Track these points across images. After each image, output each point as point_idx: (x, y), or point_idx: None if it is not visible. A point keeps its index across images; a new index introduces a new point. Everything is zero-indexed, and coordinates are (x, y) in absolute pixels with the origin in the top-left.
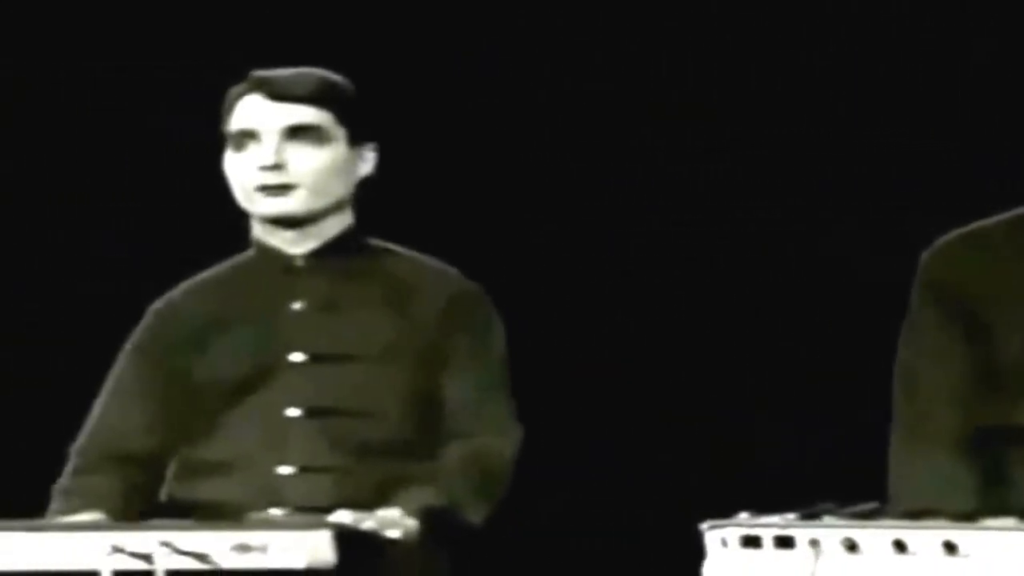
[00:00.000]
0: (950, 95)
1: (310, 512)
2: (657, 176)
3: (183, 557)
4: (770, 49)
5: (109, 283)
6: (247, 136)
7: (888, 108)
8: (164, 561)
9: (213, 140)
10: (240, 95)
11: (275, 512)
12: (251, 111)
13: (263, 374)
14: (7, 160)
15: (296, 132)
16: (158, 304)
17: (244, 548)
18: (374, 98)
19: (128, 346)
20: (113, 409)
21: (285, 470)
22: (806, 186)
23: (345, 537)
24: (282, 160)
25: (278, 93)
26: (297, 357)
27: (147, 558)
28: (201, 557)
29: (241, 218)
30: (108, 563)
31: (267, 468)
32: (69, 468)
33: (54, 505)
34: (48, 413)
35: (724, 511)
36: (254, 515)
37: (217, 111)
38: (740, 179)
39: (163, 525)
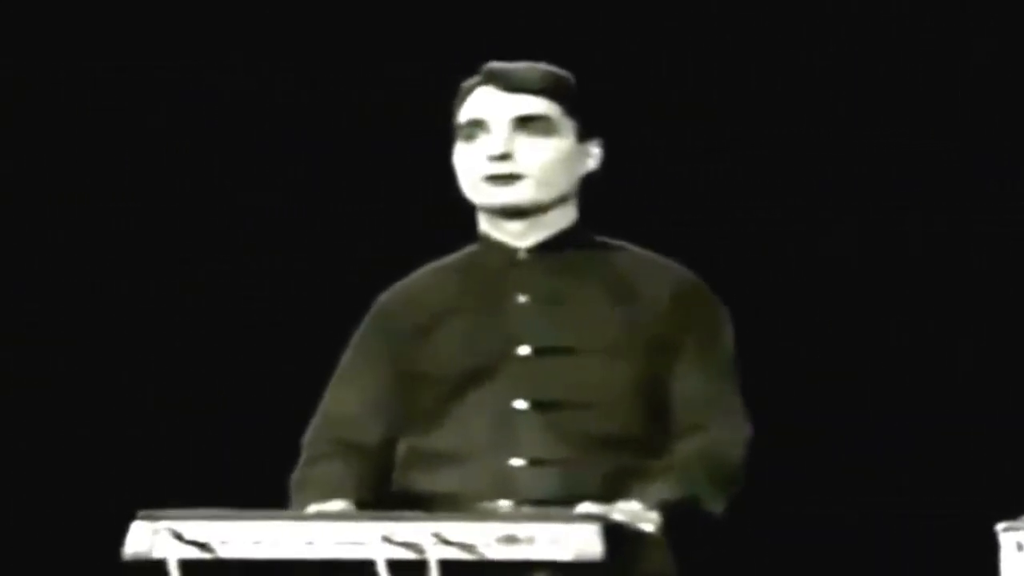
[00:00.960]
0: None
1: (540, 505)
2: None
3: (452, 548)
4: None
5: (335, 274)
6: (477, 126)
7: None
8: (435, 552)
9: (444, 134)
10: (472, 87)
11: (504, 504)
12: (482, 102)
13: (489, 366)
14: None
15: (526, 122)
16: (384, 295)
17: (511, 540)
18: (601, 94)
19: (355, 336)
20: (341, 399)
21: (516, 462)
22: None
23: (610, 531)
24: (511, 150)
25: (510, 85)
26: (523, 350)
27: (418, 548)
28: (469, 548)
29: (464, 211)
30: (381, 552)
31: (499, 460)
32: (302, 459)
33: (296, 495)
34: (280, 405)
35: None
36: (483, 506)
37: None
38: None
39: (433, 516)
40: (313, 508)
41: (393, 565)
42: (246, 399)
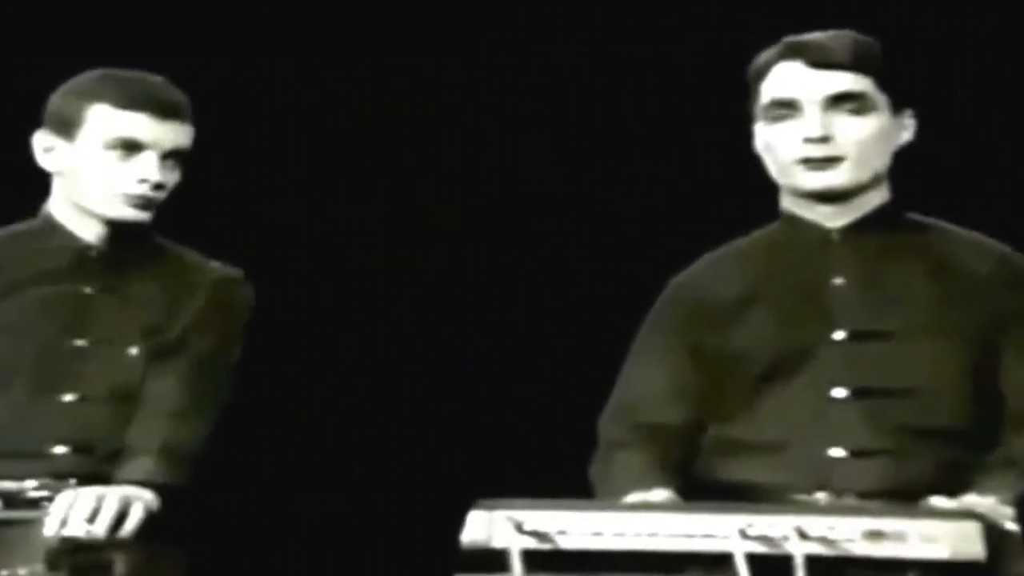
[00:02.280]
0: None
1: (863, 498)
2: None
3: (813, 543)
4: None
5: (624, 258)
6: (785, 106)
7: None
8: (799, 547)
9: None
10: (772, 62)
11: (822, 496)
12: (790, 80)
13: (803, 351)
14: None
15: (840, 100)
16: (681, 276)
17: (877, 536)
18: (911, 60)
19: (650, 319)
20: (639, 383)
21: (835, 453)
22: None
23: (989, 530)
24: (829, 132)
25: (818, 60)
26: (839, 335)
27: (778, 543)
28: (832, 544)
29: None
30: (740, 546)
31: (817, 450)
32: (602, 445)
33: (603, 483)
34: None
35: None
36: (800, 498)
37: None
38: None
39: (793, 509)
40: (634, 498)
41: (749, 560)
42: (538, 385)
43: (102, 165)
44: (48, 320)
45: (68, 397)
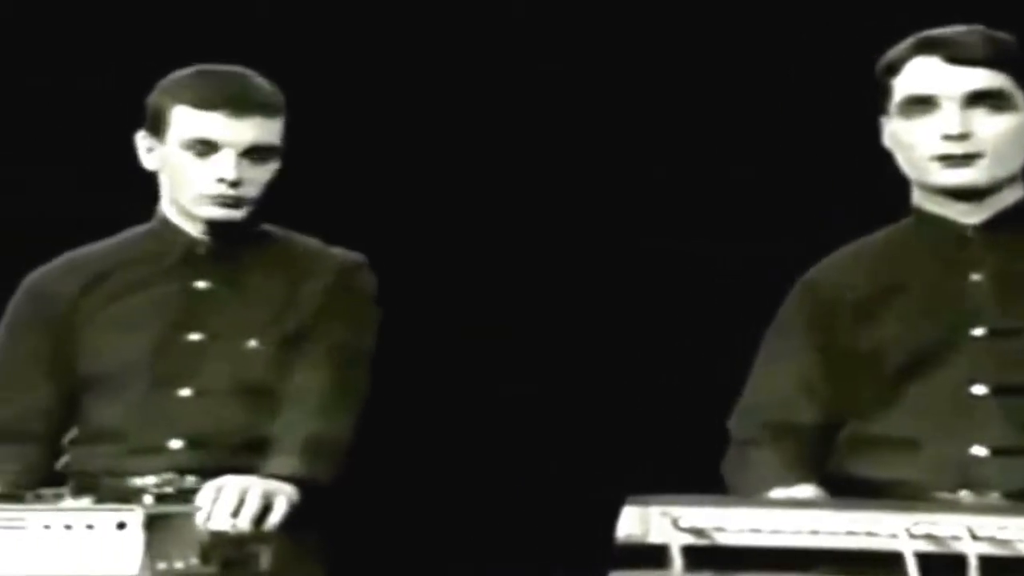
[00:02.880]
0: None
1: (1009, 499)
2: None
3: (984, 543)
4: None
5: (753, 257)
6: (922, 102)
7: None
8: (973, 547)
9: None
10: (906, 57)
11: (966, 495)
12: (926, 75)
13: (941, 348)
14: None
15: (979, 98)
16: (812, 273)
17: None
18: None
19: (781, 316)
20: (770, 382)
21: (978, 451)
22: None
23: None
24: (968, 129)
25: (956, 56)
26: (979, 331)
27: (948, 543)
28: (1005, 544)
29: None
30: (909, 545)
31: (958, 449)
32: (734, 442)
33: (739, 480)
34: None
35: None
36: (942, 497)
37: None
38: None
39: (968, 508)
40: (778, 494)
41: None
42: (663, 382)
43: (184, 166)
44: (163, 316)
45: (185, 392)
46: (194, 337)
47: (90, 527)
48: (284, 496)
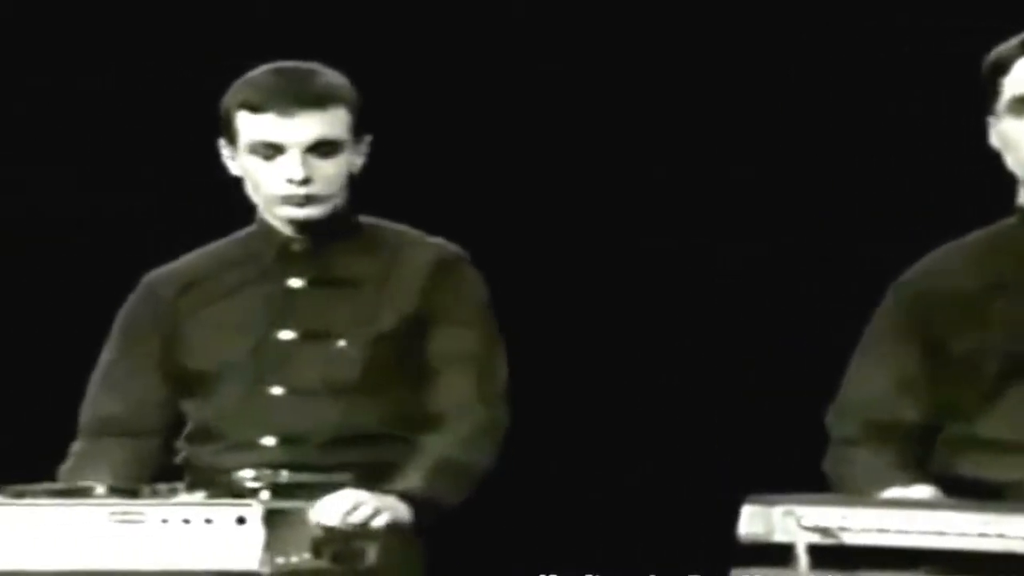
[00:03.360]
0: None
1: None
2: None
3: None
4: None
5: (856, 257)
6: None
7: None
8: None
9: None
10: (1014, 57)
11: None
12: None
13: None
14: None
15: None
16: (909, 274)
17: None
18: None
19: (878, 314)
20: (868, 380)
21: None
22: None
23: None
24: None
25: None
26: None
27: None
28: None
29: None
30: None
31: None
32: (832, 441)
33: (845, 479)
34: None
35: None
36: None
37: None
38: None
39: None
40: (894, 493)
41: None
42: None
43: (256, 169)
44: (260, 316)
45: (277, 390)
46: (287, 335)
47: (208, 521)
48: (391, 514)
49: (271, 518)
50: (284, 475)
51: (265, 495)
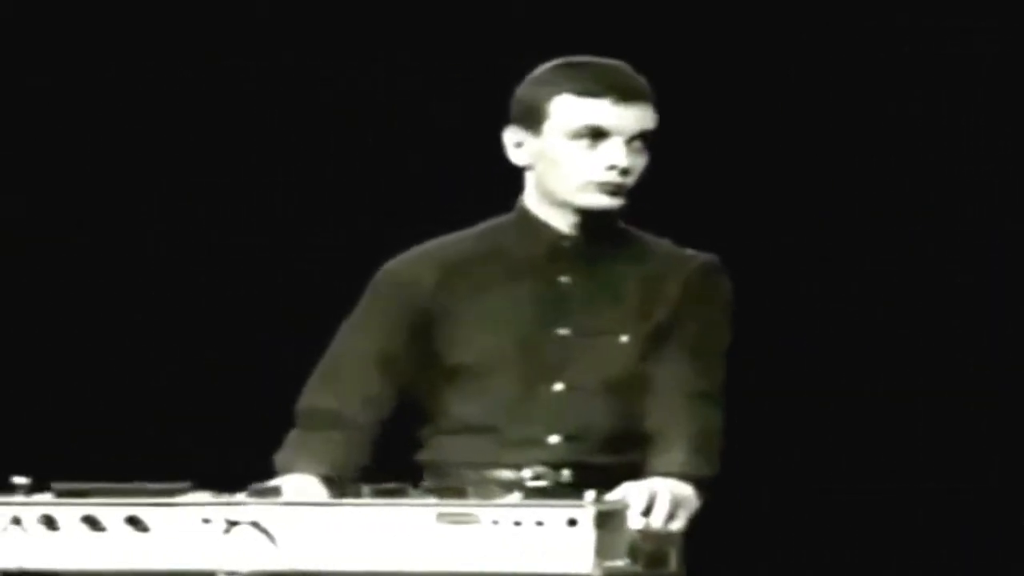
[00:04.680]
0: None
1: None
2: None
3: None
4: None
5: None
6: None
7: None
8: None
9: None
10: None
11: None
12: None
13: None
14: None
15: None
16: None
17: None
18: None
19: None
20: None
21: None
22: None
23: None
24: None
25: None
26: None
27: None
28: None
29: None
30: None
31: None
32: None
33: None
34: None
35: None
36: None
37: None
38: None
39: None
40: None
41: None
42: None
43: (570, 155)
44: (528, 311)
45: (558, 387)
46: (562, 332)
47: (540, 524)
48: (688, 508)
49: (601, 520)
50: (566, 474)
51: (516, 495)
